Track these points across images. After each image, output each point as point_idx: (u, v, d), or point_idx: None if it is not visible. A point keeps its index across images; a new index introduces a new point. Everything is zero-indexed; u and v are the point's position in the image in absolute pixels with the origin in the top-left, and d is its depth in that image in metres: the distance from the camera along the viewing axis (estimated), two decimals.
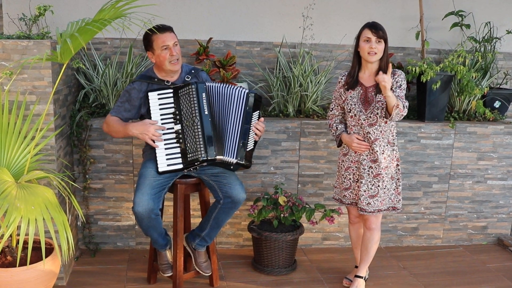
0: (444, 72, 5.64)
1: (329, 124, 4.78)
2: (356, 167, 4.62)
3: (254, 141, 4.45)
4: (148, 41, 4.42)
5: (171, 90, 4.37)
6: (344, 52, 6.08)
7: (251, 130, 4.38)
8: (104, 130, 4.55)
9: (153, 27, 4.36)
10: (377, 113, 4.44)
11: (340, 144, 4.73)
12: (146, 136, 4.28)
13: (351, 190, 4.69)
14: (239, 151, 4.33)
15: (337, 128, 4.69)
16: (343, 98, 4.60)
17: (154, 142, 4.31)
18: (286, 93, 5.76)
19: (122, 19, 3.92)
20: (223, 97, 4.37)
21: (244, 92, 4.39)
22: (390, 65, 4.31)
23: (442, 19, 6.21)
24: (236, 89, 4.39)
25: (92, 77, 5.42)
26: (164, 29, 4.40)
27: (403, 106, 4.30)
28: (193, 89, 4.26)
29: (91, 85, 5.40)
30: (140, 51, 5.72)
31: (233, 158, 4.32)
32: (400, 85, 4.42)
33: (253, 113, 4.40)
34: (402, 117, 4.36)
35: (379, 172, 4.52)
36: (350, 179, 4.67)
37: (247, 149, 4.36)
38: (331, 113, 4.77)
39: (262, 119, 4.49)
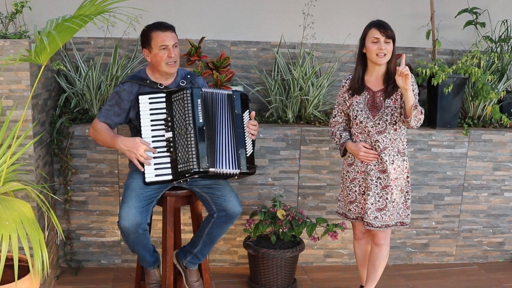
0: (457, 75, 5.66)
1: (331, 132, 4.78)
2: (362, 178, 4.60)
3: (252, 141, 4.46)
4: (146, 37, 4.42)
5: (164, 95, 4.38)
6: (348, 52, 6.10)
7: (246, 133, 4.41)
8: (90, 135, 4.55)
9: (155, 23, 4.40)
10: (386, 120, 4.44)
11: (344, 153, 4.72)
12: (133, 154, 4.28)
13: (356, 203, 4.67)
14: (240, 160, 4.34)
15: (341, 136, 4.69)
16: (348, 104, 4.60)
17: (142, 165, 4.31)
18: (285, 97, 5.78)
19: (106, 16, 3.91)
20: (217, 103, 4.39)
21: (228, 94, 4.43)
22: (404, 55, 4.29)
23: (455, 17, 6.23)
24: (223, 92, 4.42)
25: (74, 80, 5.43)
26: (166, 27, 4.42)
27: (421, 111, 4.30)
28: (188, 95, 4.26)
29: (72, 89, 5.41)
30: (126, 51, 5.74)
31: (235, 169, 4.32)
32: (412, 90, 4.38)
33: (243, 115, 4.43)
34: (420, 125, 4.37)
35: (388, 184, 4.51)
36: (355, 191, 4.65)
37: (247, 155, 4.38)
38: (334, 120, 4.77)
39: (253, 113, 4.48)
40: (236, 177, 4.40)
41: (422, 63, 5.86)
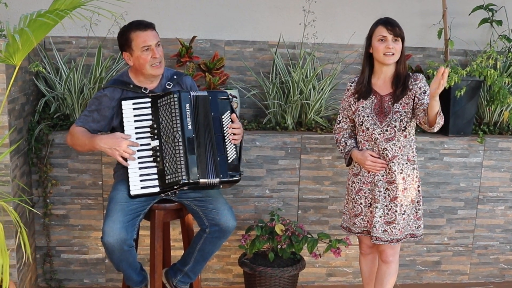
0: (471, 77, 5.68)
1: (336, 139, 4.80)
2: (369, 189, 4.61)
3: (235, 146, 4.45)
4: (125, 39, 4.41)
5: (149, 99, 4.39)
6: (352, 53, 6.12)
7: (226, 138, 4.40)
8: (68, 142, 4.55)
9: (132, 23, 4.39)
10: (395, 126, 4.45)
11: (349, 162, 4.73)
12: (116, 152, 4.27)
13: (362, 216, 4.67)
14: (220, 168, 4.32)
15: (346, 143, 4.70)
16: (353, 109, 4.61)
17: (126, 160, 4.31)
18: (284, 102, 5.80)
19: (89, 13, 3.89)
20: (202, 107, 4.39)
21: (205, 96, 4.41)
22: (445, 70, 4.01)
23: (469, 14, 6.23)
24: (203, 95, 4.42)
25: (54, 83, 5.45)
26: (145, 26, 4.40)
27: (442, 115, 4.32)
28: (175, 99, 4.27)
29: (52, 93, 5.43)
30: (111, 52, 5.76)
31: (214, 178, 4.32)
32: (425, 91, 4.42)
33: (222, 117, 4.42)
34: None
35: (397, 195, 4.51)
36: (361, 203, 4.65)
37: (229, 161, 4.38)
38: (338, 126, 4.79)
39: (233, 115, 4.46)
40: (221, 186, 4.39)
41: (433, 64, 5.87)
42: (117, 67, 5.61)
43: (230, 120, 4.45)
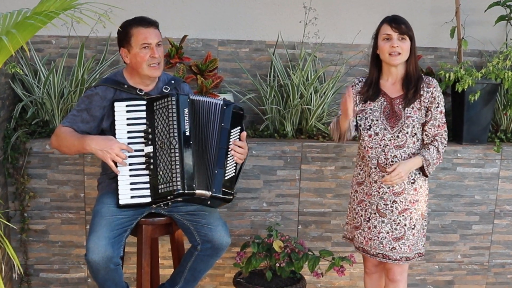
0: (487, 80, 5.71)
1: (330, 128, 4.80)
2: (369, 201, 4.60)
3: (236, 165, 4.49)
4: (125, 34, 4.45)
5: (144, 102, 4.42)
6: (357, 54, 6.13)
7: (229, 152, 4.43)
8: (53, 144, 4.53)
9: (135, 18, 4.45)
10: (407, 132, 4.44)
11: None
12: (108, 155, 4.26)
13: (360, 230, 4.67)
14: (213, 181, 4.35)
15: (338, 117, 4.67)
16: (357, 109, 4.59)
17: (116, 166, 4.32)
18: (282, 107, 5.83)
19: (72, 11, 3.90)
20: (205, 113, 4.44)
21: (219, 104, 4.46)
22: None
23: (485, 11, 6.23)
24: (214, 102, 4.47)
25: (32, 86, 5.48)
26: (148, 23, 4.46)
27: (438, 151, 4.39)
28: (173, 102, 4.30)
29: (30, 97, 5.46)
30: (94, 52, 5.79)
31: (206, 190, 4.35)
32: (438, 104, 4.46)
33: (232, 131, 4.46)
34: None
35: (406, 207, 4.49)
36: (361, 215, 4.66)
37: (226, 177, 4.41)
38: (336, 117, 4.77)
39: (244, 134, 4.52)
40: (208, 202, 4.41)
41: (445, 66, 5.90)
42: (100, 69, 5.64)
43: (238, 136, 4.49)
